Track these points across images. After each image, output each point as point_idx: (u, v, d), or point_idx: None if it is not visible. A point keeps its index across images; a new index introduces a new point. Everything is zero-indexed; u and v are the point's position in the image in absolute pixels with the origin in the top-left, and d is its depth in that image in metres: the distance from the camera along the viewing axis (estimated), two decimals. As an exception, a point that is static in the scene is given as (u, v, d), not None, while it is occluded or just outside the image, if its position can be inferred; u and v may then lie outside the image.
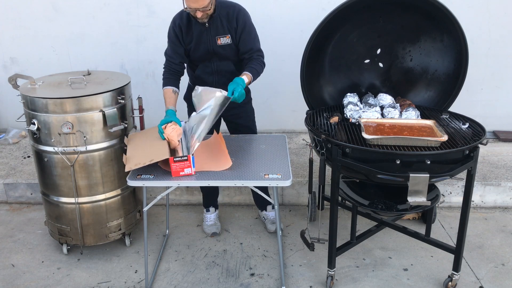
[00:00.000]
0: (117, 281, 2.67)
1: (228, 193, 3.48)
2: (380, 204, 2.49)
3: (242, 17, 2.56)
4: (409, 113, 2.57)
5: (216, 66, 2.68)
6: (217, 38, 2.58)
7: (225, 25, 2.56)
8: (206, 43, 2.59)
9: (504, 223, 3.21)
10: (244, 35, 2.58)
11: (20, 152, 4.03)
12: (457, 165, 2.21)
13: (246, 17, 2.59)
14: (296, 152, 3.90)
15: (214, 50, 2.61)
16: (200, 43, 2.59)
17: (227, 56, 2.65)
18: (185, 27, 2.57)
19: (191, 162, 2.24)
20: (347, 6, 2.50)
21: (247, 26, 2.58)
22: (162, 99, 2.67)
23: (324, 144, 2.32)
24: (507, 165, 3.60)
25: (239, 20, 2.55)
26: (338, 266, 2.68)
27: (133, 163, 2.28)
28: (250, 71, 2.54)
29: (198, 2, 2.37)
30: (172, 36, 2.60)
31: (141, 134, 2.66)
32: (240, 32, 2.57)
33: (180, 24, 2.57)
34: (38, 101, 2.50)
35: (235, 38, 2.60)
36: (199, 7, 2.39)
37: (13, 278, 2.70)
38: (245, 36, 2.59)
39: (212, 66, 2.68)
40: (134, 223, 2.96)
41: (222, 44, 2.59)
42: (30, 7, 4.05)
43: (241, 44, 2.61)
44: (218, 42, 2.58)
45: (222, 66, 2.68)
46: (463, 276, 2.63)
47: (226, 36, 2.58)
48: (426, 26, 2.74)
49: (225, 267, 2.76)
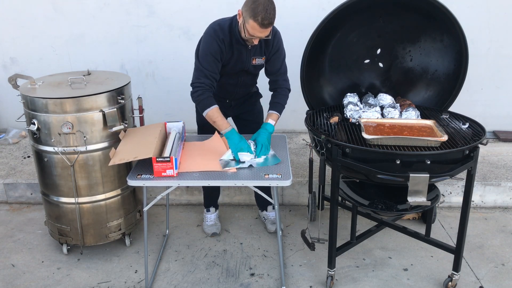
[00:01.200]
0: (117, 281, 2.66)
1: (228, 193, 3.48)
2: (380, 204, 2.49)
3: (277, 39, 2.57)
4: (409, 113, 2.57)
5: (242, 80, 2.68)
6: (253, 58, 2.57)
7: (263, 46, 2.56)
8: (243, 63, 2.56)
9: (504, 223, 3.21)
10: (275, 57, 2.60)
11: (20, 152, 4.03)
12: (457, 165, 2.21)
13: (280, 40, 2.60)
14: (296, 152, 3.90)
15: (248, 69, 2.61)
16: (238, 62, 2.54)
17: (255, 72, 2.68)
18: (228, 43, 2.46)
19: (174, 163, 2.23)
20: (347, 6, 2.50)
21: (280, 49, 2.59)
22: (162, 99, 2.68)
23: (324, 144, 2.32)
24: (507, 165, 3.60)
25: (274, 43, 2.56)
26: (338, 266, 2.68)
27: (118, 158, 2.30)
28: (278, 109, 2.62)
29: (266, 32, 2.34)
30: (216, 51, 2.42)
31: (138, 130, 2.66)
32: (273, 54, 2.58)
33: (224, 39, 2.43)
34: (38, 101, 2.50)
35: (267, 59, 2.62)
36: (263, 36, 2.37)
37: (13, 278, 2.70)
38: (276, 57, 2.60)
39: (238, 79, 2.67)
40: (134, 223, 2.96)
41: (256, 64, 2.60)
42: (30, 7, 4.05)
43: (270, 64, 2.63)
44: (253, 62, 2.58)
45: (247, 80, 2.70)
46: (463, 276, 2.63)
47: (262, 57, 2.59)
48: (426, 26, 2.74)
49: (225, 267, 2.76)
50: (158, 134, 2.48)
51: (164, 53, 4.05)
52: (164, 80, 4.16)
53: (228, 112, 2.83)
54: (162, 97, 4.17)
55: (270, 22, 2.28)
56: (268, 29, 2.31)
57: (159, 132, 2.51)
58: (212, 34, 2.43)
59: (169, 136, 2.58)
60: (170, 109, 4.17)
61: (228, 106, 2.81)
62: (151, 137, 2.45)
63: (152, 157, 2.22)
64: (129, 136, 2.58)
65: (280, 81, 2.65)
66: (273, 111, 2.62)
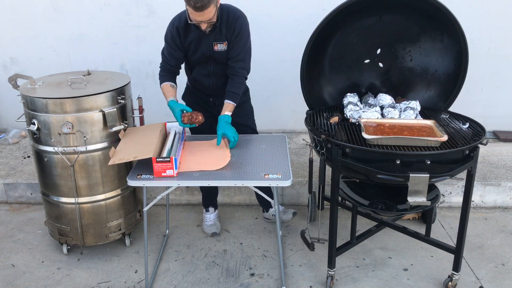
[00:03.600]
0: (117, 281, 2.66)
1: (228, 193, 3.48)
2: (380, 204, 2.49)
3: (239, 24, 2.54)
4: (407, 113, 2.58)
5: (212, 69, 2.68)
6: (214, 44, 2.57)
7: (223, 32, 2.55)
8: (203, 48, 2.58)
9: (504, 223, 3.21)
10: (235, 41, 2.57)
11: (20, 152, 4.03)
12: (457, 165, 2.21)
13: (243, 24, 2.56)
14: (296, 152, 3.90)
15: (211, 55, 2.61)
16: (198, 48, 2.58)
17: (224, 61, 2.65)
18: (183, 31, 2.55)
19: (174, 163, 2.23)
20: (347, 6, 2.50)
21: (240, 33, 2.56)
22: (162, 99, 2.68)
23: (324, 144, 2.32)
24: (507, 165, 3.60)
25: (236, 27, 2.54)
26: (338, 266, 2.68)
27: (117, 157, 2.30)
28: (233, 99, 2.62)
29: (204, 16, 2.34)
30: (170, 39, 2.59)
31: (138, 129, 2.66)
32: (234, 38, 2.57)
33: (178, 27, 2.54)
34: (38, 101, 2.50)
35: (229, 43, 2.59)
36: (204, 20, 2.38)
37: (13, 278, 2.70)
38: (236, 42, 2.58)
39: (209, 69, 2.68)
40: (134, 223, 2.96)
41: (219, 50, 2.59)
42: (30, 7, 4.05)
43: (230, 48, 2.60)
44: (214, 48, 2.58)
45: (218, 69, 2.68)
46: (463, 276, 2.63)
47: (223, 43, 2.58)
48: (426, 26, 2.74)
49: (225, 267, 2.76)
50: (158, 134, 2.48)
51: (164, 53, 4.05)
52: (164, 80, 4.15)
53: (213, 111, 2.79)
54: (162, 97, 4.15)
55: (202, 4, 2.27)
56: (204, 11, 2.31)
57: (159, 132, 2.51)
58: (170, 24, 2.60)
59: (169, 136, 2.58)
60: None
61: (213, 105, 2.80)
62: (151, 137, 2.45)
63: (152, 157, 2.22)
64: (129, 135, 2.58)
65: (237, 68, 2.62)
66: (229, 101, 2.62)
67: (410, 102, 2.67)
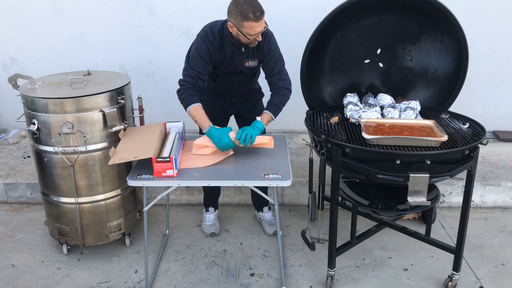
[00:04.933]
0: (117, 281, 2.66)
1: (228, 193, 3.48)
2: (380, 204, 2.49)
3: (268, 42, 2.57)
4: (407, 113, 2.58)
5: (237, 80, 2.69)
6: (246, 61, 2.59)
7: (255, 50, 2.57)
8: (236, 65, 2.59)
9: (504, 223, 3.21)
10: (267, 58, 2.60)
11: (20, 152, 4.03)
12: (457, 165, 2.21)
13: (271, 41, 2.58)
14: (296, 152, 3.90)
15: (242, 70, 2.63)
16: (231, 63, 2.58)
17: (249, 73, 2.69)
18: (217, 46, 2.50)
19: (174, 163, 2.23)
20: (347, 6, 2.50)
21: (271, 50, 2.58)
22: (162, 99, 2.68)
23: (324, 144, 2.32)
24: (507, 165, 3.60)
25: (264, 45, 2.56)
26: (338, 266, 2.68)
27: (118, 157, 2.30)
28: (271, 109, 2.58)
29: (262, 25, 2.35)
30: (205, 53, 2.49)
31: (138, 129, 2.66)
32: (265, 56, 2.59)
33: (213, 41, 2.49)
34: (38, 101, 2.50)
35: (261, 61, 2.63)
36: (263, 29, 2.38)
37: (13, 278, 2.70)
38: (269, 59, 2.60)
39: (234, 80, 2.69)
40: (134, 223, 2.96)
41: (249, 67, 2.62)
42: (30, 7, 4.05)
43: (264, 66, 2.63)
44: (245, 64, 2.60)
45: (242, 80, 2.71)
46: (463, 276, 2.63)
47: (254, 60, 2.60)
48: (426, 26, 2.74)
49: (225, 267, 2.76)
50: (158, 134, 2.48)
51: (164, 53, 4.06)
52: (164, 80, 4.16)
53: (230, 109, 2.86)
54: (162, 97, 4.17)
55: (261, 11, 2.31)
56: (262, 20, 2.34)
57: (159, 132, 2.52)
58: (203, 37, 2.50)
59: (169, 136, 2.58)
60: (170, 109, 4.16)
61: (229, 103, 2.84)
62: (151, 137, 2.45)
63: (152, 157, 2.22)
64: (129, 135, 2.58)
65: (275, 81, 2.64)
66: (266, 111, 2.60)
67: (410, 102, 2.67)
